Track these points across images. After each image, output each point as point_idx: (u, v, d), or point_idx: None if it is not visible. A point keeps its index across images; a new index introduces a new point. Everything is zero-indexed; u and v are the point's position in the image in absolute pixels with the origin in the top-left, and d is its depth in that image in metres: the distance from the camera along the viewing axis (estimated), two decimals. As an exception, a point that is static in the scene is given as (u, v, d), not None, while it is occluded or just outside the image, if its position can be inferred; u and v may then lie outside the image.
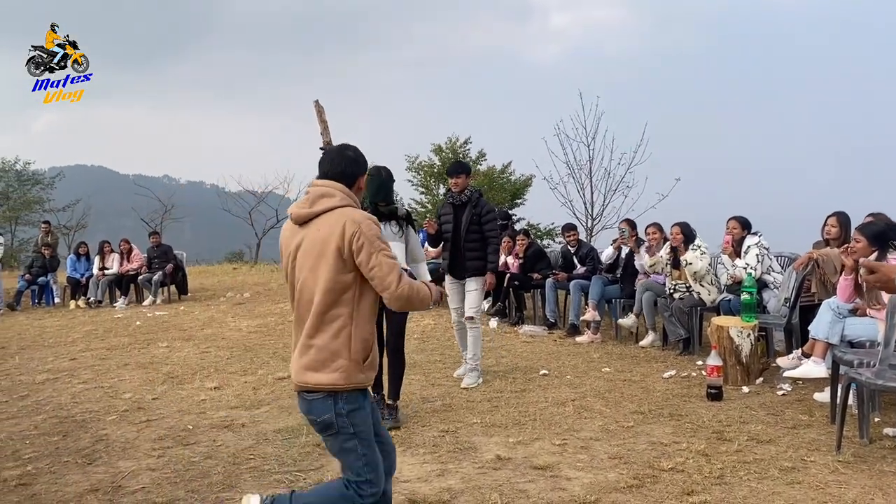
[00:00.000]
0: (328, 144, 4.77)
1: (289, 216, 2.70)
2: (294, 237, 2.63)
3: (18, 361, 7.56)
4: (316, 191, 2.63)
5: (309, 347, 2.55)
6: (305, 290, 2.57)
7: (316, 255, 2.53)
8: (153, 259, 12.93)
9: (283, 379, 6.25)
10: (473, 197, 5.93)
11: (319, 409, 2.57)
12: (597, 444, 4.30)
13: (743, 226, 6.48)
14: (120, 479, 4.02)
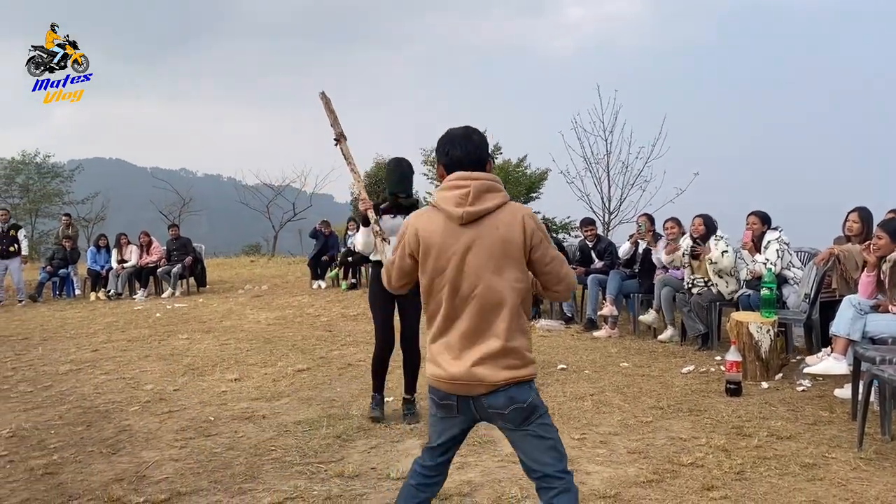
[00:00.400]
0: (341, 136, 4.68)
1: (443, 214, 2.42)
2: (459, 237, 2.39)
3: (41, 352, 7.67)
4: (479, 185, 2.40)
5: (509, 352, 2.38)
6: (489, 294, 2.38)
7: (500, 257, 2.37)
8: (172, 251, 13.04)
9: (303, 371, 6.31)
10: None
11: (524, 393, 2.41)
12: (616, 438, 4.30)
13: (763, 220, 6.44)
14: (144, 468, 4.08)
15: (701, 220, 6.78)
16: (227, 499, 3.60)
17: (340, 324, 8.87)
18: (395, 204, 4.85)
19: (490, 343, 2.39)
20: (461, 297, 2.41)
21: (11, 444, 4.61)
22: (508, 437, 2.50)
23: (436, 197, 2.47)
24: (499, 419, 2.44)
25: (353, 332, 8.19)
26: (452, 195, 2.41)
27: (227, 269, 18.05)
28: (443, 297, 2.43)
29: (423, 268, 2.47)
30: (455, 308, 2.42)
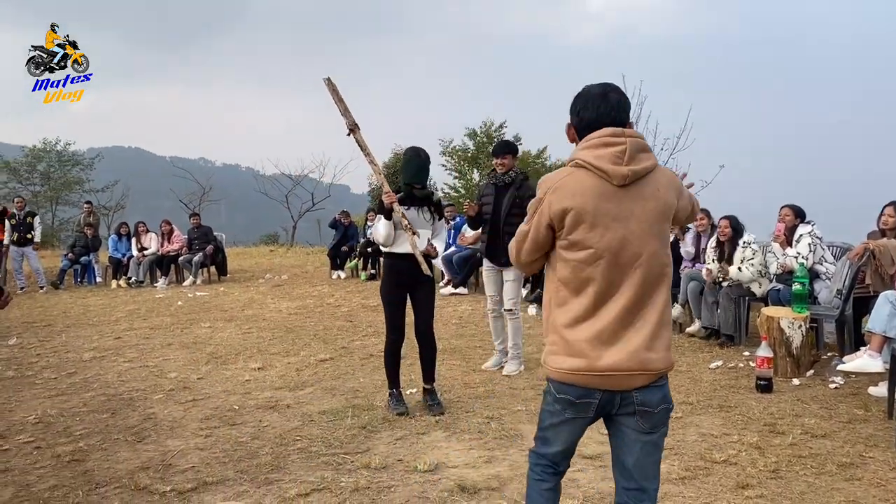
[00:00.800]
0: (354, 126, 4.61)
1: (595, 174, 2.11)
2: (620, 201, 2.10)
3: (65, 339, 7.70)
4: (634, 143, 2.12)
5: (661, 327, 2.14)
6: (654, 264, 2.12)
7: (662, 221, 2.14)
8: (193, 240, 13.08)
9: (325, 361, 6.29)
10: (518, 179, 5.75)
11: (670, 393, 2.21)
12: (645, 434, 4.23)
13: (796, 214, 6.32)
14: (170, 457, 4.06)
15: (728, 223, 6.64)
16: (253, 489, 3.57)
17: (361, 314, 8.84)
18: (409, 195, 4.79)
19: (652, 321, 2.12)
20: (621, 268, 2.11)
21: (38, 430, 4.62)
22: (626, 438, 2.23)
23: (580, 155, 2.15)
24: (639, 419, 2.17)
25: (374, 322, 8.15)
26: (607, 153, 2.10)
27: (247, 258, 18.10)
28: (596, 271, 2.11)
29: (570, 237, 2.14)
30: (612, 282, 2.11)
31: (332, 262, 13.21)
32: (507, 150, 5.80)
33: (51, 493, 3.60)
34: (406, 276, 4.71)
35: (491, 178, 5.87)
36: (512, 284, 5.75)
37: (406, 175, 4.80)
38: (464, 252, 10.47)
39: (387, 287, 4.80)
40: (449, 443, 4.17)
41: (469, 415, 4.67)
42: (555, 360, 2.19)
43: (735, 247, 6.56)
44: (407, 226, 4.56)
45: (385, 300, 4.81)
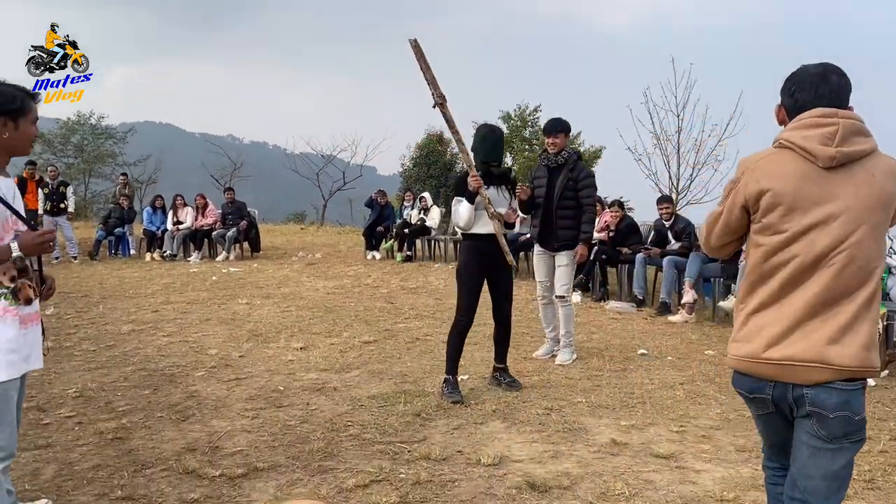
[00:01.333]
0: (442, 98, 4.38)
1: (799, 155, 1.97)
2: (824, 184, 1.94)
3: (102, 310, 7.58)
4: (848, 124, 1.95)
5: (859, 322, 1.92)
6: (858, 254, 1.92)
7: (875, 210, 1.93)
8: (227, 215, 12.95)
9: (370, 343, 6.08)
10: (571, 159, 5.47)
11: (859, 402, 1.95)
12: (718, 433, 3.96)
13: None
14: (216, 439, 3.87)
15: None
16: (307, 477, 3.37)
17: (401, 296, 8.63)
18: (486, 173, 4.63)
19: (847, 312, 1.92)
20: (816, 256, 1.94)
21: (78, 404, 4.46)
22: (798, 440, 2.03)
23: (785, 135, 2.01)
24: (815, 423, 1.96)
25: (416, 305, 7.94)
26: (815, 133, 1.95)
27: (278, 235, 17.98)
28: (788, 257, 1.97)
29: (764, 220, 2.00)
30: (804, 269, 1.95)
31: (367, 242, 13.01)
32: (560, 129, 5.52)
33: (94, 473, 3.42)
34: (487, 257, 4.62)
35: (542, 160, 5.60)
36: (565, 270, 5.50)
37: (483, 153, 4.64)
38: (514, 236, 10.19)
39: (466, 269, 4.69)
40: (509, 434, 3.93)
41: (527, 405, 4.43)
42: (733, 347, 2.11)
43: None
44: (494, 213, 4.48)
45: (463, 281, 4.70)
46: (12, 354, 2.47)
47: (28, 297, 2.54)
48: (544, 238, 5.55)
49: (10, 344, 2.46)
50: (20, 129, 2.54)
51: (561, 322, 5.59)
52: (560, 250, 5.47)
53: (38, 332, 2.66)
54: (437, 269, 11.11)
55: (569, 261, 5.49)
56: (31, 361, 2.60)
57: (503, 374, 4.87)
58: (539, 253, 5.68)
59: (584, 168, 5.54)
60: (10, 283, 2.49)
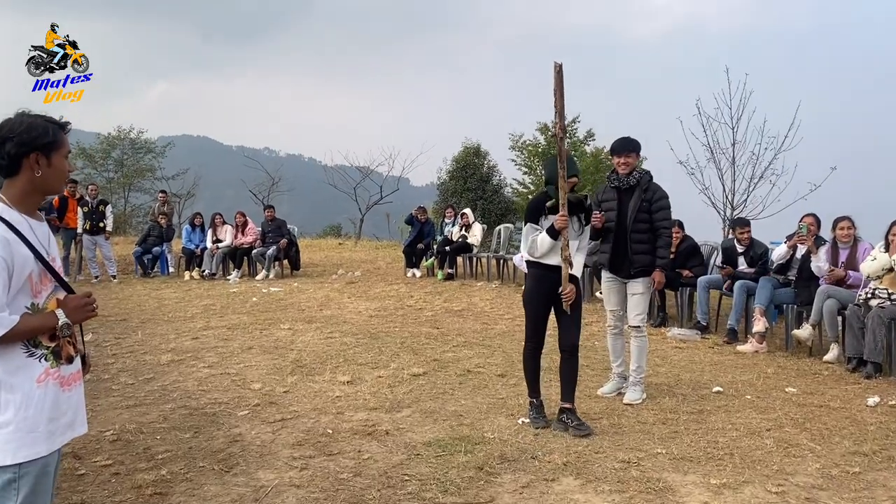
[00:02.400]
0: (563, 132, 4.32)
1: None
2: None
3: (141, 337, 7.33)
4: None
5: None
6: None
7: None
8: (267, 233, 12.72)
9: (419, 376, 5.72)
10: (644, 180, 5.11)
11: None
12: (823, 494, 3.51)
13: None
14: (263, 495, 3.53)
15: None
16: (366, 548, 3.00)
17: (447, 320, 8.26)
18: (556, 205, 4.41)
19: None
20: None
21: (116, 449, 4.16)
22: None
23: None
24: None
25: (463, 331, 7.56)
26: None
27: (316, 251, 17.77)
28: None
29: None
30: None
31: (407, 260, 12.68)
32: (632, 148, 5.17)
33: (132, 538, 3.10)
34: (554, 287, 4.49)
35: (612, 181, 5.22)
36: (640, 298, 5.12)
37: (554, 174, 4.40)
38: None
39: (534, 296, 4.63)
40: (585, 494, 3.52)
41: (600, 457, 4.01)
42: None
43: None
44: (567, 257, 4.38)
45: (530, 309, 4.65)
46: (53, 423, 2.18)
47: (70, 355, 2.25)
48: (617, 264, 5.19)
49: (52, 412, 2.17)
50: (53, 164, 2.24)
51: (633, 356, 5.18)
52: (635, 277, 5.11)
53: (81, 393, 2.35)
54: (480, 289, 10.73)
55: (644, 288, 5.13)
56: (76, 427, 2.30)
57: (570, 417, 4.48)
58: (609, 280, 5.30)
59: (659, 187, 5.14)
60: (51, 342, 2.19)
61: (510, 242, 12.72)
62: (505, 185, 25.13)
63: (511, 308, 9.03)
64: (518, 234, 15.67)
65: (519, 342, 6.97)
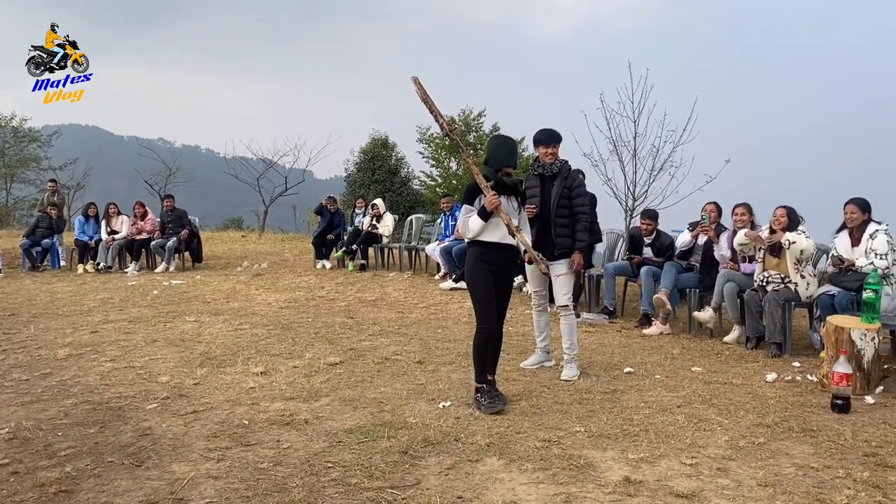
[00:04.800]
0: (452, 123, 4.50)
1: None
2: None
3: (34, 332, 6.88)
4: None
5: None
6: None
7: None
8: (167, 224, 12.21)
9: (336, 365, 5.62)
10: (564, 168, 5.41)
11: None
12: (733, 465, 3.67)
13: (863, 209, 5.79)
14: (179, 488, 3.37)
15: (784, 212, 6.08)
16: (292, 536, 2.92)
17: (361, 310, 8.16)
18: (499, 183, 4.56)
19: None
20: None
21: (13, 448, 3.88)
22: None
23: None
24: None
25: (378, 320, 7.49)
26: None
27: (218, 243, 17.21)
28: None
29: None
30: None
31: (317, 251, 12.46)
32: (555, 139, 5.46)
33: (37, 539, 2.90)
34: (493, 264, 4.57)
35: (536, 169, 5.47)
36: (564, 279, 5.34)
37: (497, 160, 4.59)
38: (464, 244, 9.83)
39: (475, 275, 4.62)
40: (510, 473, 3.55)
41: (521, 436, 4.06)
42: None
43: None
44: (517, 228, 4.49)
45: (475, 288, 4.63)
46: None
47: None
48: (541, 247, 5.33)
49: None
50: None
51: (564, 334, 5.41)
52: (558, 259, 5.33)
53: None
54: (393, 279, 10.68)
55: (567, 269, 5.34)
56: None
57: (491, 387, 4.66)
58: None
59: (577, 176, 5.42)
60: None
61: (421, 233, 12.74)
62: (413, 178, 25.13)
63: (425, 297, 9.03)
64: (429, 226, 15.72)
65: (435, 330, 7.02)
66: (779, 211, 6.11)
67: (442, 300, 8.82)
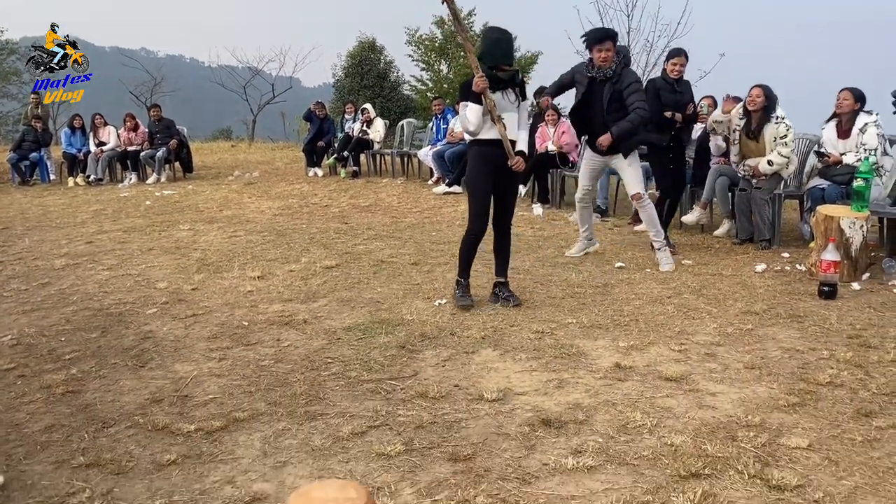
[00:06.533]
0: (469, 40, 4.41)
1: None
2: None
3: (29, 244, 6.90)
4: None
5: None
6: None
7: None
8: (155, 134, 12.03)
9: (332, 268, 5.68)
10: (618, 70, 5.19)
11: None
12: (721, 350, 3.79)
13: (856, 98, 5.70)
14: (183, 386, 3.47)
15: (761, 91, 5.84)
16: (295, 426, 3.02)
17: (355, 216, 8.17)
18: (492, 78, 4.35)
19: None
20: None
21: (18, 353, 3.97)
22: None
23: None
24: None
25: (373, 225, 7.52)
26: None
27: (208, 154, 17.02)
28: None
29: None
30: None
31: (308, 159, 12.34)
32: (610, 36, 5.26)
33: (48, 436, 3.00)
34: (494, 163, 4.44)
35: (589, 70, 5.27)
36: (631, 170, 5.42)
37: (493, 57, 4.41)
38: (457, 148, 9.77)
39: (475, 175, 4.54)
40: (504, 363, 3.66)
41: (515, 329, 4.16)
42: None
43: (766, 121, 5.92)
44: (498, 117, 4.32)
45: (472, 189, 4.56)
46: None
47: None
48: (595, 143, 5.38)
49: None
50: None
51: (646, 224, 5.59)
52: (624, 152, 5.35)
53: None
54: (386, 185, 10.64)
55: (632, 160, 5.36)
56: None
57: (503, 288, 4.69)
58: (589, 157, 5.61)
59: (628, 74, 5.24)
60: None
61: (413, 139, 12.60)
62: (403, 83, 24.62)
63: (419, 202, 9.03)
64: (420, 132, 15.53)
65: (429, 233, 7.06)
66: (755, 90, 5.87)
67: (435, 204, 8.82)
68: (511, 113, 4.42)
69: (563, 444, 2.81)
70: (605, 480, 2.53)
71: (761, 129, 5.95)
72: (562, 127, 8.39)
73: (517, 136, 4.47)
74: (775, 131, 5.88)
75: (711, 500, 2.38)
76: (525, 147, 4.50)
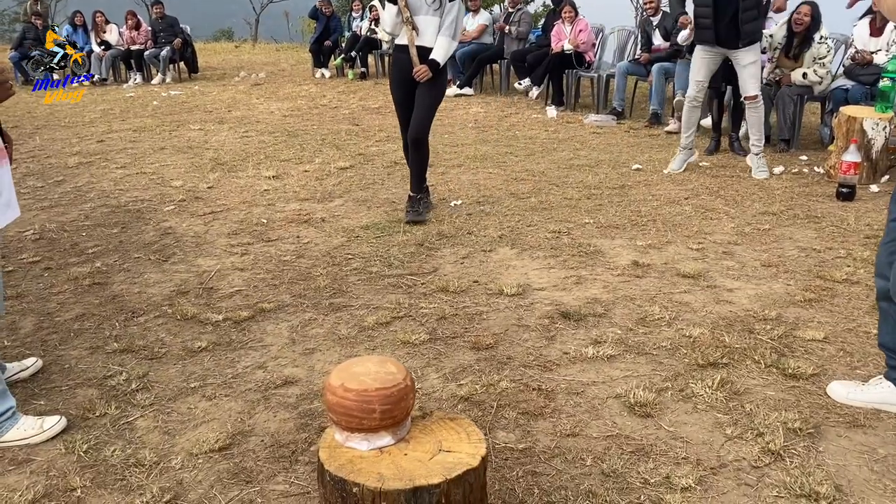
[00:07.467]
0: None
1: None
2: None
3: (40, 142, 6.86)
4: None
5: None
6: None
7: None
8: (158, 33, 11.73)
9: (346, 169, 5.66)
10: None
11: None
12: (738, 248, 3.81)
13: None
14: (207, 279, 3.54)
15: (809, 10, 5.62)
16: (321, 316, 3.10)
17: (366, 117, 8.07)
18: None
19: None
20: None
21: (42, 247, 4.03)
22: None
23: None
24: None
25: (384, 126, 7.43)
26: None
27: (212, 54, 16.64)
28: None
29: None
30: None
31: (315, 59, 12.07)
32: None
33: (80, 324, 3.09)
34: (406, 72, 4.13)
35: None
36: (753, 67, 5.03)
37: None
38: (468, 48, 9.53)
39: (392, 83, 4.32)
40: (522, 261, 3.70)
41: (532, 229, 4.18)
42: None
43: (809, 42, 5.75)
44: (408, 18, 4.01)
45: (393, 97, 4.34)
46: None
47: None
48: (727, 37, 4.95)
49: None
50: None
51: (752, 127, 5.20)
52: (745, 47, 4.96)
53: (9, 173, 2.23)
54: (395, 87, 10.45)
55: (755, 57, 5.02)
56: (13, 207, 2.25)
57: (411, 203, 4.36)
58: (705, 52, 5.13)
59: None
60: None
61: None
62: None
63: (428, 103, 8.89)
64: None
65: (442, 135, 6.99)
66: (804, 8, 5.66)
67: (447, 106, 8.67)
68: (428, 16, 4.04)
69: (582, 335, 2.88)
70: (625, 368, 2.61)
71: (801, 53, 5.80)
72: (579, 25, 8.14)
73: (435, 43, 4.05)
74: (816, 51, 5.71)
75: (729, 387, 2.45)
76: (440, 57, 4.05)
